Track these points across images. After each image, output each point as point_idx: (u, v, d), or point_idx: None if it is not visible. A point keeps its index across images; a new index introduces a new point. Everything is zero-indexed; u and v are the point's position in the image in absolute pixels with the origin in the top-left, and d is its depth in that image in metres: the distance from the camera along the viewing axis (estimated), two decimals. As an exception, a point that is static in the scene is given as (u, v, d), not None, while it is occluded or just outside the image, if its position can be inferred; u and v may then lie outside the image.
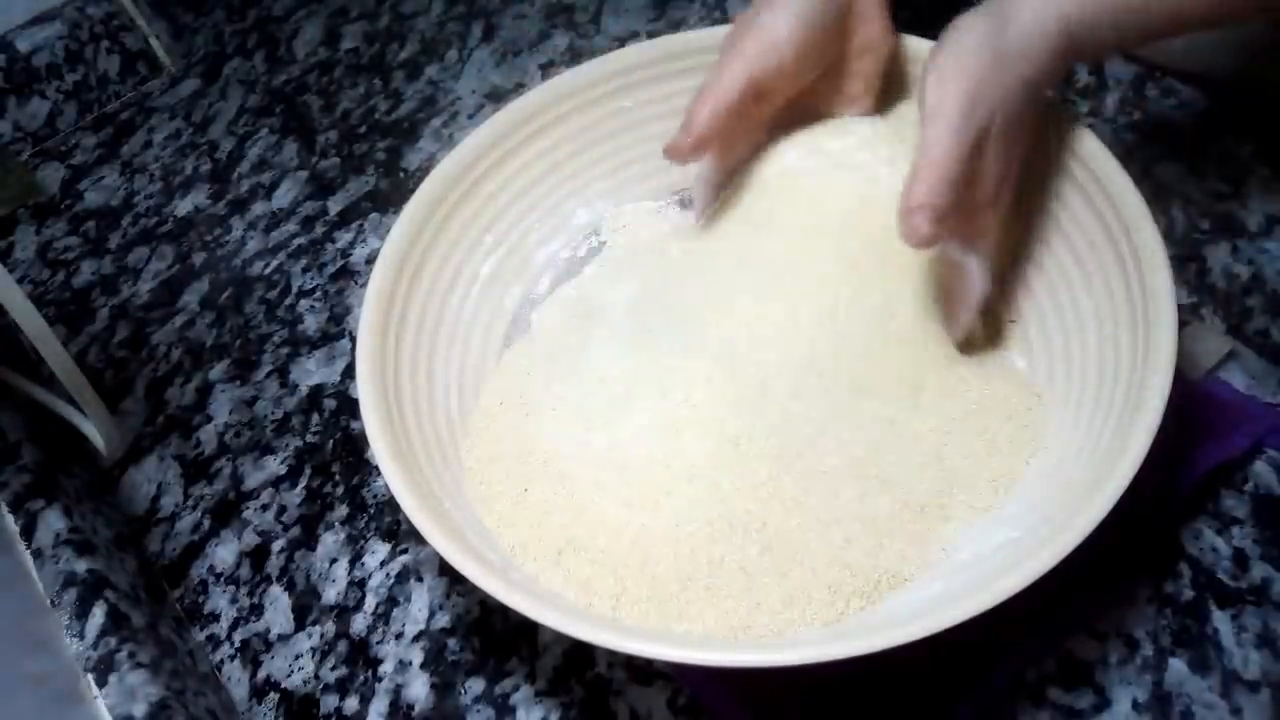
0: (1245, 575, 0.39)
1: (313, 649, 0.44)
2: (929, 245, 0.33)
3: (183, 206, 0.66)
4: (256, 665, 0.44)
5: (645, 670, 0.40)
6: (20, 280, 0.63)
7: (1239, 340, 0.44)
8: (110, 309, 0.60)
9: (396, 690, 0.41)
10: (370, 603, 0.44)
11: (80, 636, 0.40)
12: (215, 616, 0.46)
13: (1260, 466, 0.41)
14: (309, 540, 0.47)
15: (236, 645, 0.45)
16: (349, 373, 0.53)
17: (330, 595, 0.45)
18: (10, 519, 0.44)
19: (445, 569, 0.44)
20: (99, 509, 0.49)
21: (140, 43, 0.74)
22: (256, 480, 0.50)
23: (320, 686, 0.42)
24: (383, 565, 0.45)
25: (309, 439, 0.51)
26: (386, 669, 0.42)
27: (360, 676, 0.42)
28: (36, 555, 0.43)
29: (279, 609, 0.45)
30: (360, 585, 0.45)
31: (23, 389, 0.51)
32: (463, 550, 0.33)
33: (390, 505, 0.47)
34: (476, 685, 0.41)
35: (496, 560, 0.36)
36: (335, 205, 0.63)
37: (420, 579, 0.45)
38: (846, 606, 0.35)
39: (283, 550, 0.47)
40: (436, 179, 0.44)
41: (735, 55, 0.40)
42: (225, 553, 0.48)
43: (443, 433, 0.41)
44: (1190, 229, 0.48)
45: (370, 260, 0.57)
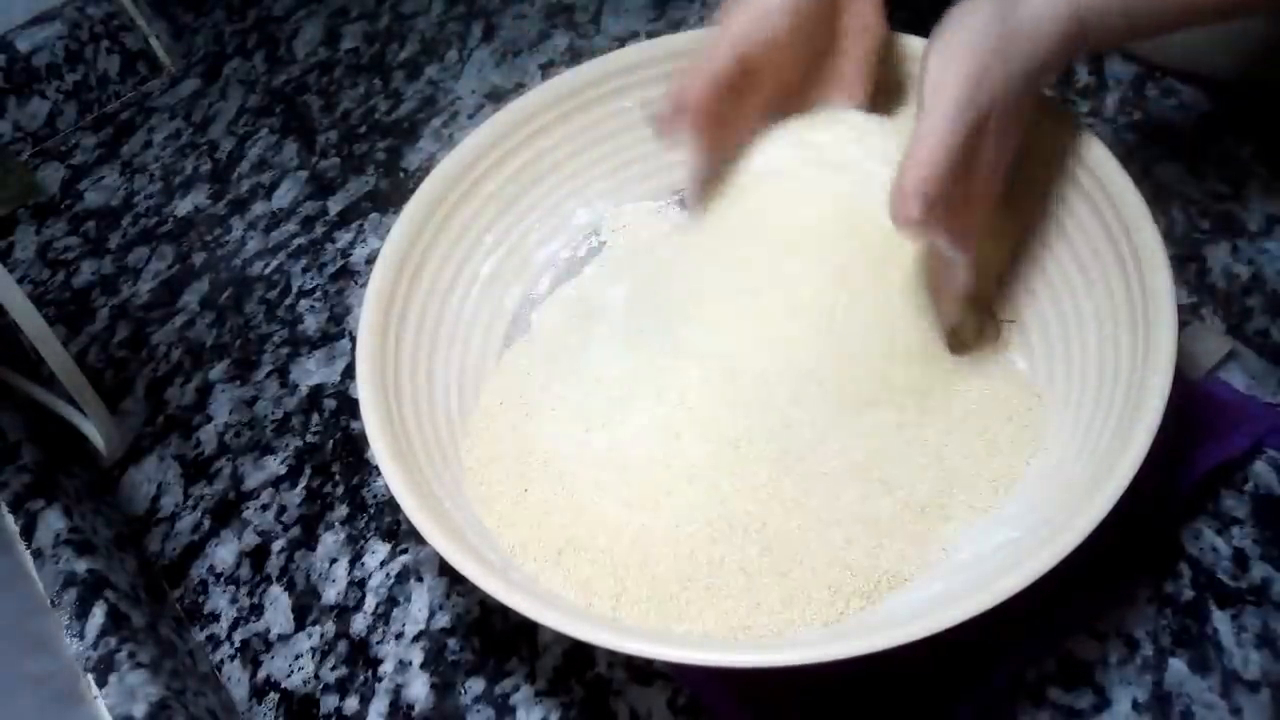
0: (1245, 575, 0.38)
1: (313, 649, 0.44)
2: (918, 230, 0.33)
3: (183, 206, 0.66)
4: (256, 665, 0.44)
5: (645, 670, 0.40)
6: (20, 280, 0.63)
7: (1239, 340, 0.44)
8: (110, 309, 0.60)
9: (396, 690, 0.41)
10: (370, 603, 0.44)
11: (80, 636, 0.40)
12: (215, 616, 0.46)
13: (1260, 466, 0.41)
14: (309, 540, 0.47)
15: (236, 645, 0.45)
16: (349, 373, 0.53)
17: (330, 595, 0.45)
18: (10, 519, 0.44)
19: (445, 569, 0.44)
20: (99, 509, 0.49)
21: (140, 43, 0.74)
22: (256, 480, 0.50)
23: (320, 686, 0.42)
24: (383, 565, 0.45)
25: (309, 439, 0.51)
26: (386, 669, 0.42)
27: (360, 676, 0.42)
28: (36, 555, 0.43)
29: (279, 609, 0.45)
30: (360, 585, 0.45)
31: (23, 389, 0.51)
32: (463, 550, 0.33)
33: (390, 505, 0.47)
34: (476, 685, 0.41)
35: (496, 560, 0.36)
36: (335, 205, 0.63)
37: (420, 579, 0.45)
38: (846, 606, 0.35)
39: (283, 550, 0.47)
40: (436, 179, 0.44)
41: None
42: (225, 553, 0.48)
43: (443, 433, 0.41)
44: (1190, 229, 0.48)
45: (370, 260, 0.57)
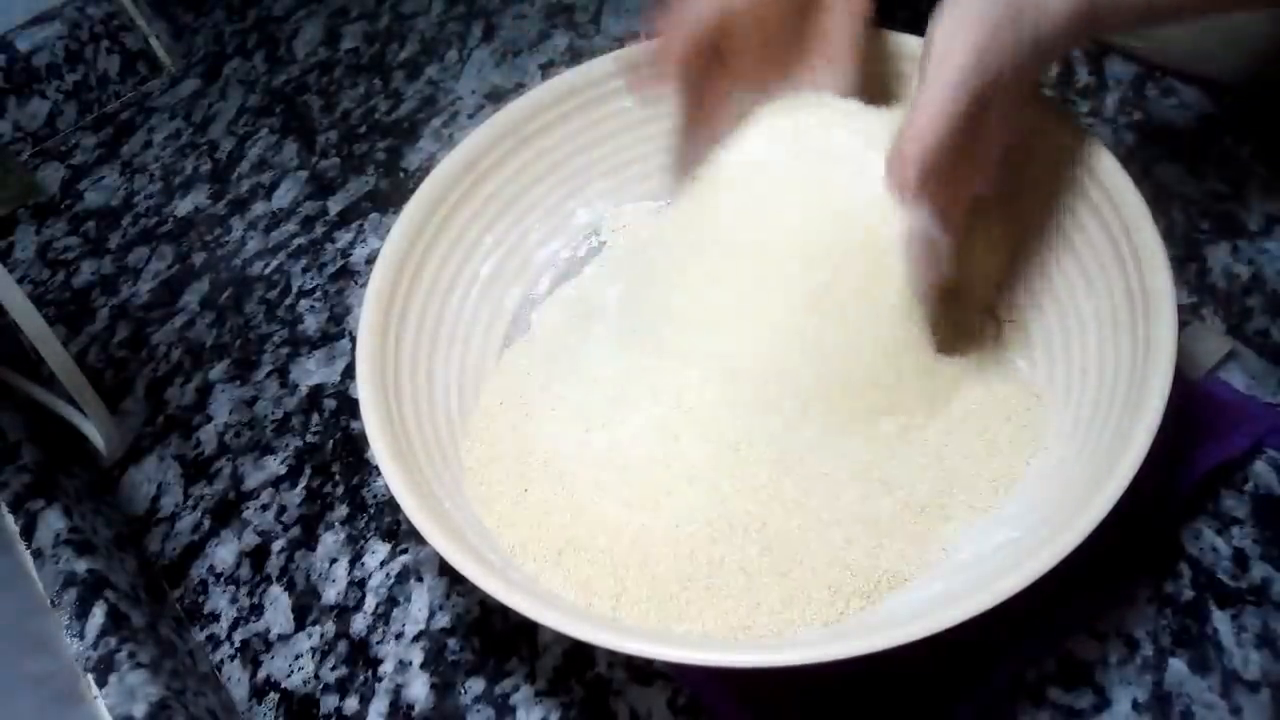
0: (1245, 575, 0.38)
1: (313, 649, 0.44)
2: (912, 199, 0.31)
3: (183, 206, 0.66)
4: (256, 665, 0.44)
5: (645, 670, 0.40)
6: (20, 280, 0.63)
7: (1239, 340, 0.44)
8: (110, 309, 0.60)
9: (396, 690, 0.41)
10: (370, 603, 0.44)
11: (80, 636, 0.40)
12: (215, 616, 0.46)
13: (1260, 466, 0.41)
14: (309, 540, 0.47)
15: (236, 645, 0.45)
16: (349, 373, 0.53)
17: (330, 595, 0.45)
18: (10, 519, 0.44)
19: (445, 569, 0.44)
20: (99, 509, 0.49)
21: (140, 43, 0.74)
22: (256, 480, 0.50)
23: (320, 686, 0.42)
24: (383, 565, 0.45)
25: (309, 439, 0.51)
26: (386, 669, 0.42)
27: (360, 676, 0.42)
28: (36, 555, 0.43)
29: (279, 609, 0.45)
30: (360, 585, 0.45)
31: (23, 389, 0.51)
32: (463, 550, 0.33)
33: (390, 505, 0.47)
34: (476, 685, 0.41)
35: (496, 560, 0.36)
36: (335, 205, 0.63)
37: (420, 579, 0.45)
38: (846, 606, 0.35)
39: (283, 550, 0.47)
40: (436, 179, 0.44)
41: None
42: (225, 553, 0.48)
43: (443, 433, 0.41)
44: (1190, 229, 0.48)
45: (370, 260, 0.57)
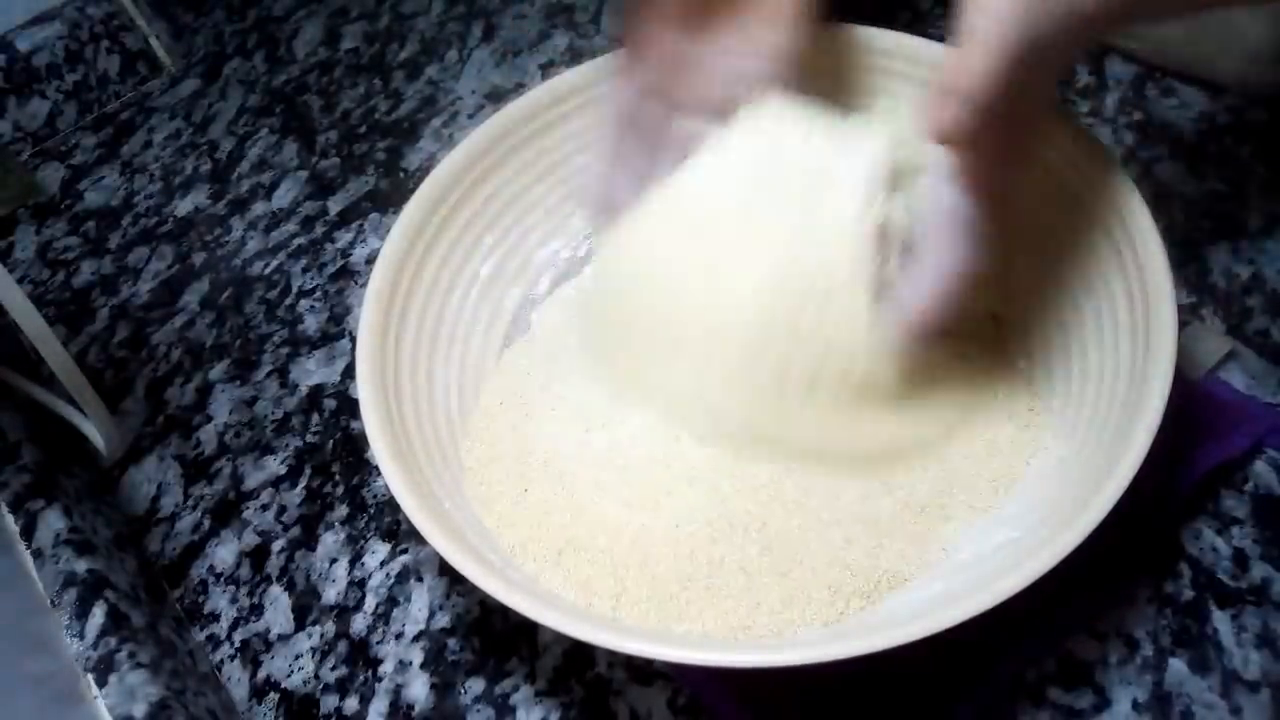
0: (1245, 575, 0.38)
1: (313, 649, 0.44)
2: (965, 142, 0.28)
3: (183, 206, 0.66)
4: (256, 665, 0.44)
5: (645, 670, 0.40)
6: (20, 280, 0.63)
7: (1239, 340, 0.44)
8: (110, 309, 0.60)
9: (396, 690, 0.41)
10: (370, 603, 0.44)
11: (80, 636, 0.40)
12: (215, 616, 0.46)
13: (1260, 466, 0.41)
14: (309, 540, 0.47)
15: (236, 645, 0.45)
16: (349, 373, 0.53)
17: (330, 595, 0.45)
18: (10, 519, 0.44)
19: (445, 569, 0.44)
20: (99, 509, 0.49)
21: (140, 43, 0.74)
22: (256, 480, 0.50)
23: (320, 686, 0.42)
24: (383, 565, 0.45)
25: (309, 439, 0.51)
26: (386, 669, 0.42)
27: (360, 676, 0.42)
28: (36, 555, 0.43)
29: (279, 609, 0.45)
30: (360, 585, 0.45)
31: (23, 389, 0.51)
32: (463, 550, 0.33)
33: (390, 505, 0.47)
34: (476, 685, 0.41)
35: (496, 560, 0.36)
36: (335, 205, 0.63)
37: (420, 579, 0.45)
38: (846, 606, 0.35)
39: (283, 550, 0.47)
40: (436, 179, 0.44)
41: None
42: (225, 553, 0.48)
43: (443, 433, 0.41)
44: (1190, 229, 0.48)
45: (370, 260, 0.57)
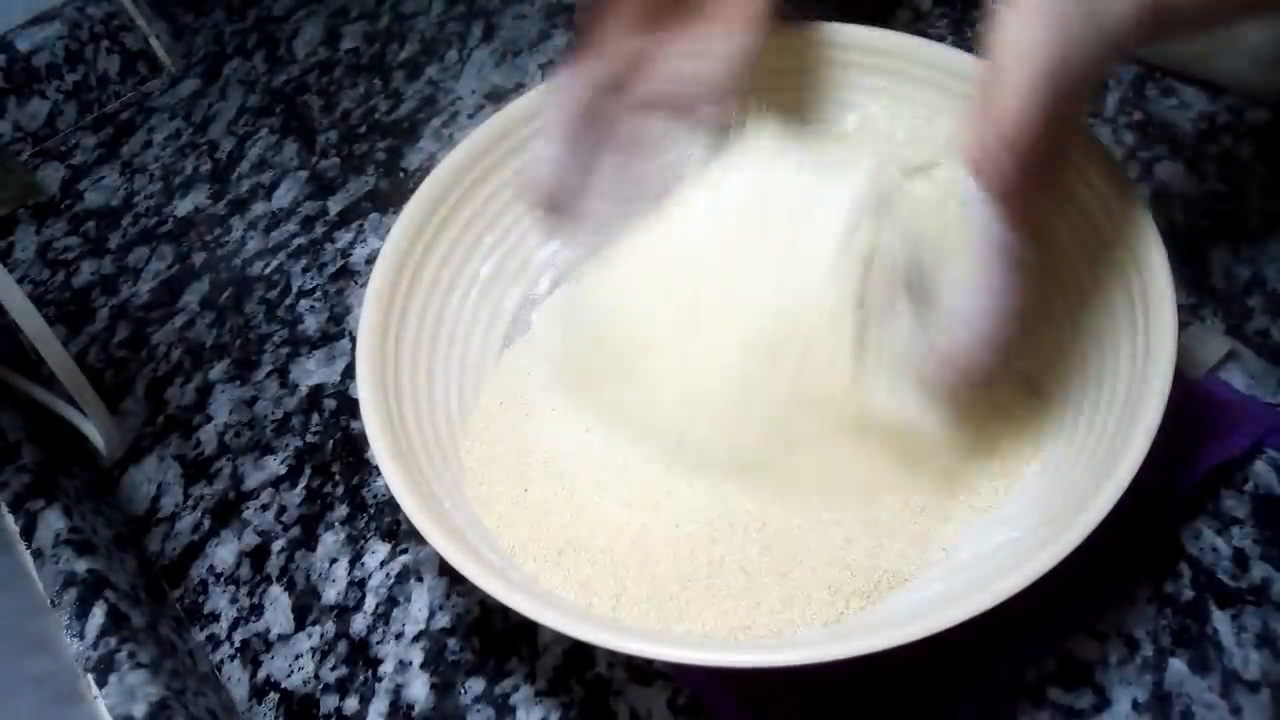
0: (1245, 575, 0.39)
1: (313, 649, 0.44)
2: (1011, 193, 0.28)
3: (183, 206, 0.66)
4: (256, 665, 0.44)
5: (645, 670, 0.40)
6: (20, 280, 0.63)
7: (1239, 340, 0.44)
8: (110, 309, 0.60)
9: (396, 690, 0.41)
10: (370, 603, 0.44)
11: (80, 636, 0.40)
12: (215, 616, 0.46)
13: (1260, 466, 0.41)
14: (309, 540, 0.47)
15: (236, 645, 0.45)
16: (349, 373, 0.53)
17: (330, 595, 0.45)
18: (10, 519, 0.44)
19: (445, 569, 0.44)
20: (99, 509, 0.49)
21: (140, 43, 0.74)
22: (256, 480, 0.50)
23: (320, 686, 0.42)
24: (383, 565, 0.45)
25: (309, 439, 0.51)
26: (386, 669, 0.42)
27: (360, 676, 0.42)
28: (36, 555, 0.43)
29: (279, 609, 0.45)
30: (360, 585, 0.45)
31: (23, 389, 0.51)
32: (463, 550, 0.33)
33: (390, 505, 0.47)
34: (476, 685, 0.41)
35: (496, 560, 0.36)
36: (335, 205, 0.63)
37: (420, 579, 0.45)
38: (846, 606, 0.35)
39: (283, 550, 0.47)
40: (436, 179, 0.44)
41: None
42: (225, 553, 0.48)
43: (443, 433, 0.41)
44: (1190, 229, 0.48)
45: (370, 260, 0.57)
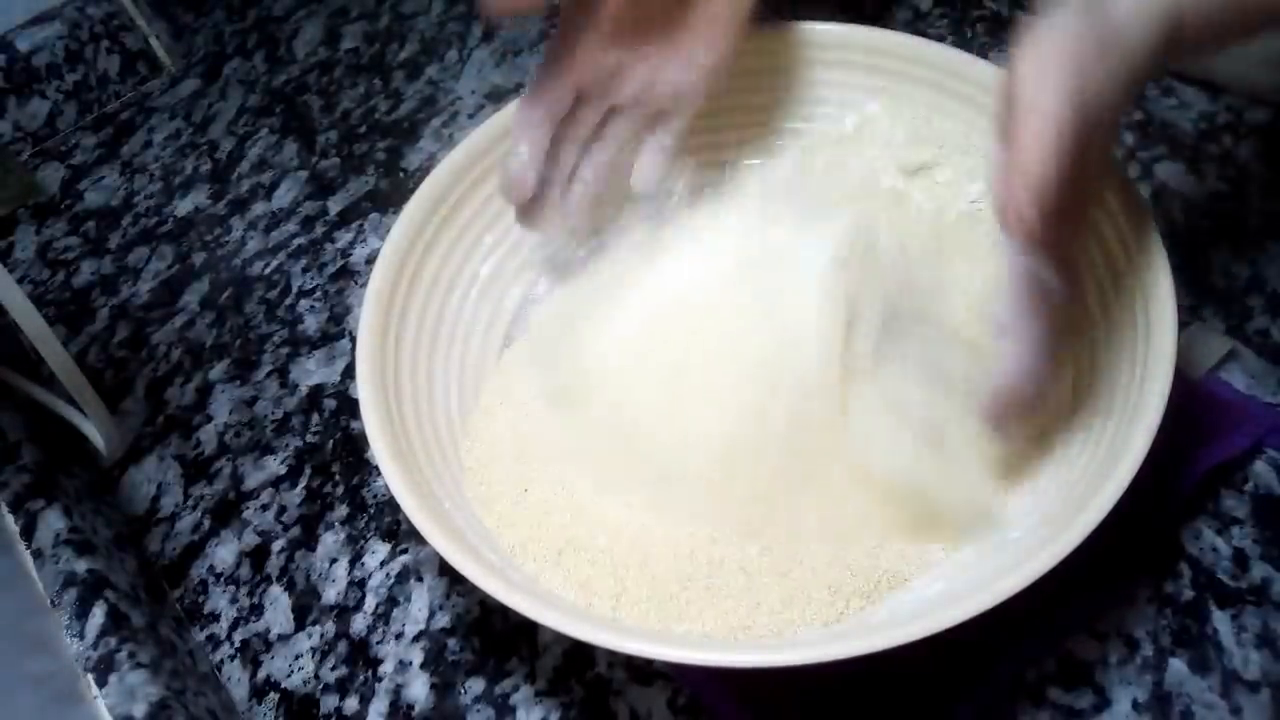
0: (1245, 575, 0.39)
1: (313, 649, 0.44)
2: (1037, 245, 0.29)
3: (183, 206, 0.66)
4: (256, 665, 0.44)
5: (645, 670, 0.40)
6: (20, 280, 0.63)
7: (1239, 340, 0.44)
8: (110, 309, 0.60)
9: (396, 690, 0.41)
10: (370, 603, 0.44)
11: (80, 636, 0.40)
12: (215, 616, 0.46)
13: (1260, 466, 0.41)
14: (309, 540, 0.47)
15: (236, 645, 0.45)
16: (349, 373, 0.53)
17: (330, 595, 0.45)
18: (10, 519, 0.44)
19: (445, 569, 0.44)
20: (99, 509, 0.49)
21: (140, 43, 0.74)
22: (256, 480, 0.50)
23: (320, 686, 0.42)
24: (383, 565, 0.45)
25: (309, 439, 0.51)
26: (386, 669, 0.42)
27: (360, 676, 0.42)
28: (36, 555, 0.43)
29: (279, 609, 0.45)
30: (360, 585, 0.45)
31: (23, 389, 0.51)
32: (463, 550, 0.33)
33: (390, 505, 0.47)
34: (476, 685, 0.41)
35: (496, 560, 0.36)
36: (335, 205, 0.63)
37: (420, 579, 0.45)
38: (846, 606, 0.35)
39: (283, 550, 0.47)
40: (436, 179, 0.44)
41: None
42: (225, 553, 0.48)
43: (443, 433, 0.41)
44: (1190, 229, 0.48)
45: (370, 260, 0.57)
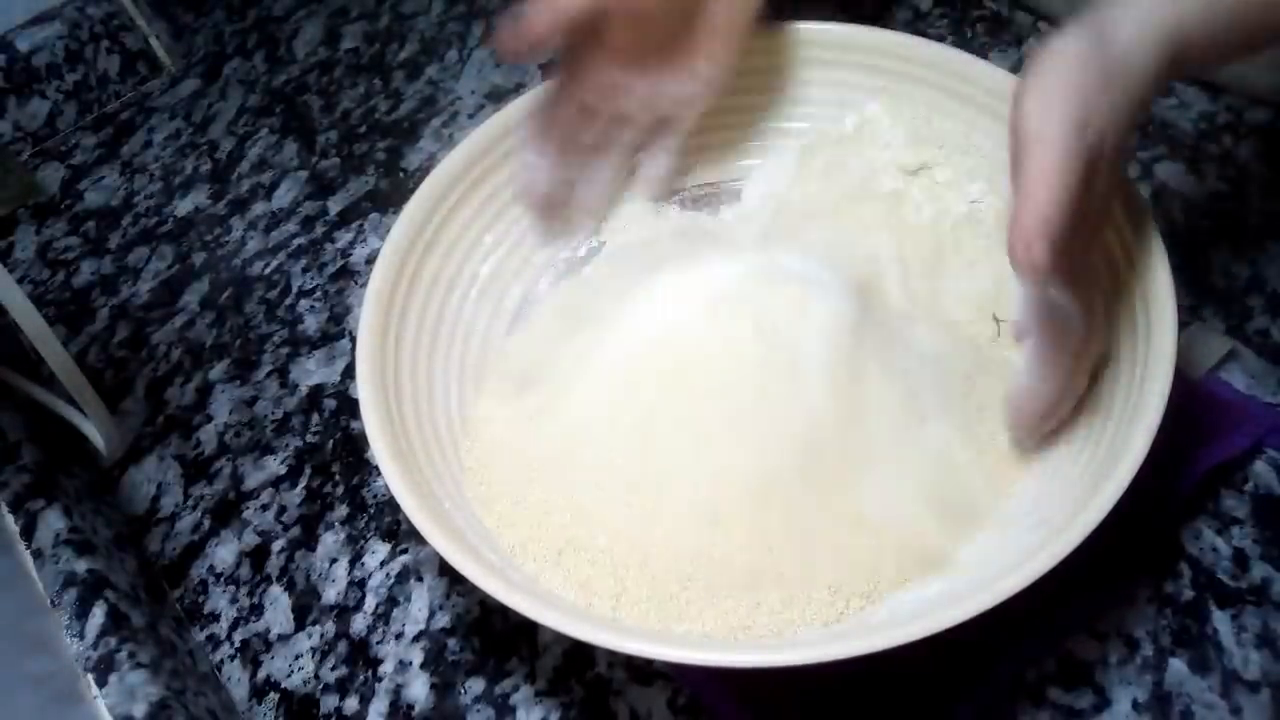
0: (1245, 575, 0.39)
1: (313, 649, 0.44)
2: (1046, 277, 0.30)
3: (183, 206, 0.66)
4: (256, 665, 0.44)
5: (645, 670, 0.40)
6: (20, 280, 0.63)
7: (1239, 340, 0.44)
8: (110, 309, 0.60)
9: (396, 690, 0.41)
10: (370, 603, 0.44)
11: (80, 636, 0.40)
12: (215, 616, 0.46)
13: (1260, 466, 0.41)
14: (309, 540, 0.47)
15: (236, 645, 0.45)
16: (349, 373, 0.53)
17: (330, 595, 0.45)
18: (10, 519, 0.44)
19: (445, 569, 0.44)
20: (99, 509, 0.49)
21: (140, 43, 0.74)
22: (256, 480, 0.50)
23: (320, 686, 0.42)
24: (383, 565, 0.45)
25: (309, 439, 0.51)
26: (386, 669, 0.42)
27: (360, 676, 0.42)
28: (36, 555, 0.43)
29: (279, 609, 0.45)
30: (360, 585, 0.45)
31: (23, 389, 0.51)
32: (463, 550, 0.33)
33: (390, 505, 0.47)
34: (476, 685, 0.41)
35: (496, 560, 0.36)
36: (335, 205, 0.63)
37: (420, 579, 0.45)
38: (846, 606, 0.35)
39: (283, 550, 0.47)
40: (436, 179, 0.44)
41: None
42: (225, 553, 0.48)
43: (443, 433, 0.41)
44: (1190, 229, 0.48)
45: (370, 260, 0.56)
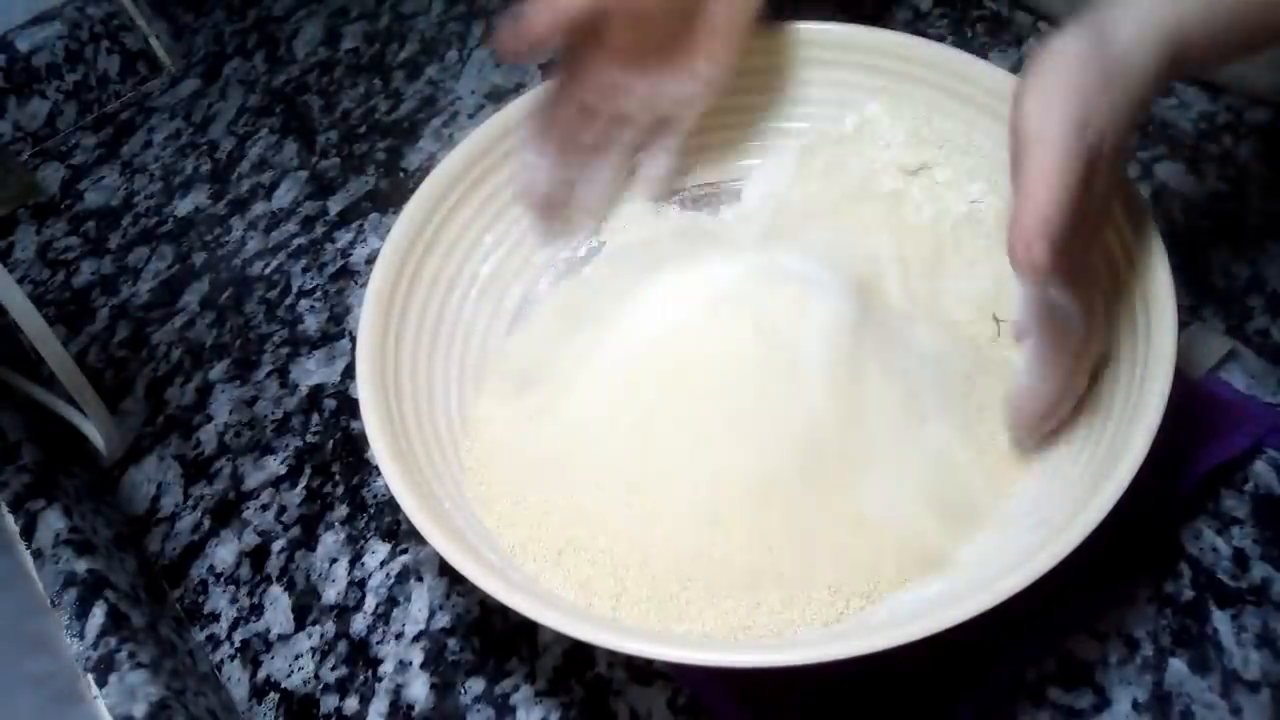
0: (1245, 575, 0.39)
1: (313, 649, 0.44)
2: (1046, 277, 0.30)
3: (183, 206, 0.66)
4: (256, 665, 0.44)
5: (645, 670, 0.40)
6: (20, 280, 0.63)
7: (1239, 340, 0.44)
8: (110, 309, 0.60)
9: (396, 690, 0.41)
10: (370, 603, 0.44)
11: (80, 636, 0.40)
12: (215, 616, 0.46)
13: (1260, 466, 0.41)
14: (309, 540, 0.47)
15: (236, 645, 0.45)
16: (349, 373, 0.53)
17: (330, 595, 0.45)
18: (10, 519, 0.44)
19: (445, 569, 0.44)
20: (99, 509, 0.49)
21: (140, 43, 0.74)
22: (256, 480, 0.50)
23: (320, 686, 0.42)
24: (383, 565, 0.45)
25: (309, 439, 0.51)
26: (386, 669, 0.42)
27: (360, 676, 0.42)
28: (36, 555, 0.43)
29: (279, 609, 0.45)
30: (360, 585, 0.45)
31: (23, 389, 0.51)
32: (463, 550, 0.33)
33: (390, 505, 0.47)
34: (476, 685, 0.41)
35: (496, 560, 0.36)
36: (335, 205, 0.63)
37: (420, 579, 0.45)
38: (846, 606, 0.35)
39: (283, 550, 0.47)
40: (436, 179, 0.44)
41: None
42: (225, 553, 0.48)
43: (443, 433, 0.41)
44: (1190, 229, 0.48)
45: (370, 260, 0.56)
